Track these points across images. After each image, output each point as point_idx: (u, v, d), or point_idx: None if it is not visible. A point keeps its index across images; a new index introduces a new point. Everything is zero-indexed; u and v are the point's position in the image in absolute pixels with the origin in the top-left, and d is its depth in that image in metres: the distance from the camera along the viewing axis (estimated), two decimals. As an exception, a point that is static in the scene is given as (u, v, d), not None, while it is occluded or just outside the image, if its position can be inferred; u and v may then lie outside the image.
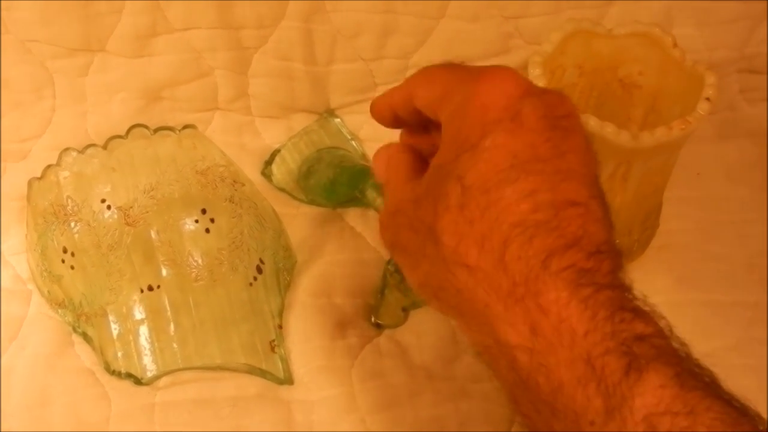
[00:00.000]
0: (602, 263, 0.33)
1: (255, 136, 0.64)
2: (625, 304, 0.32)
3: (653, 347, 0.31)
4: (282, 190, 0.61)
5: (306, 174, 0.60)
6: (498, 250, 0.33)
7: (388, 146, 0.43)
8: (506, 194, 0.34)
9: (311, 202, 0.61)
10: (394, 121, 0.44)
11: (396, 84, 0.60)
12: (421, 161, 0.42)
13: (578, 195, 0.34)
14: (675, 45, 0.52)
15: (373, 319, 0.55)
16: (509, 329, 0.33)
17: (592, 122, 0.47)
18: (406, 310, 0.55)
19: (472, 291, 0.34)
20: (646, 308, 0.33)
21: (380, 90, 0.62)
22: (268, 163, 0.62)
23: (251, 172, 0.60)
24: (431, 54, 0.60)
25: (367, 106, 0.62)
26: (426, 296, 0.38)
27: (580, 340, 0.31)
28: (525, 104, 0.35)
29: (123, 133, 0.54)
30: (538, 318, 0.32)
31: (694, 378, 0.31)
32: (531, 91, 0.36)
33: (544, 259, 0.32)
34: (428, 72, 0.41)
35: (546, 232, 0.33)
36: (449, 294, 0.35)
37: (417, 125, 0.42)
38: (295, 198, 0.61)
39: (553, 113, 0.36)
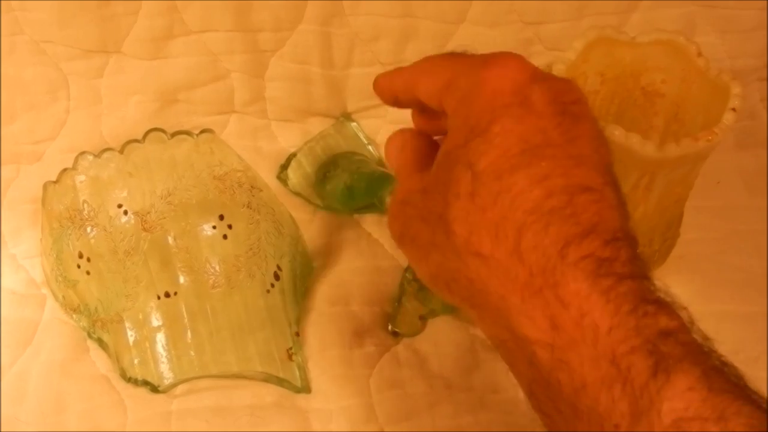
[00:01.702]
0: (620, 251, 0.32)
1: (271, 140, 0.63)
2: (647, 295, 0.31)
3: (679, 344, 0.30)
4: (298, 194, 0.61)
5: (322, 179, 0.60)
6: (513, 238, 0.32)
7: (402, 132, 0.42)
8: (519, 180, 0.33)
9: (327, 208, 0.60)
10: (395, 103, 0.43)
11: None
12: (432, 148, 0.40)
13: (592, 180, 0.33)
14: (699, 54, 0.51)
15: (390, 328, 0.54)
16: (527, 323, 0.32)
17: (617, 132, 0.46)
18: (423, 319, 0.54)
19: (485, 282, 0.33)
20: (668, 299, 0.32)
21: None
22: (284, 167, 0.62)
23: (267, 176, 0.59)
24: (450, 59, 0.59)
25: (384, 111, 0.63)
26: (437, 288, 0.37)
27: (604, 337, 0.30)
28: (534, 89, 0.35)
29: (137, 136, 0.54)
30: (558, 311, 0.31)
31: (721, 378, 0.30)
32: (539, 76, 0.36)
33: (561, 248, 0.31)
34: (431, 62, 0.40)
35: (561, 219, 0.32)
36: (462, 285, 0.34)
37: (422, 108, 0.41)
38: (311, 203, 0.61)
39: (562, 99, 0.35)
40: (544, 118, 0.34)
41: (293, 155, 0.62)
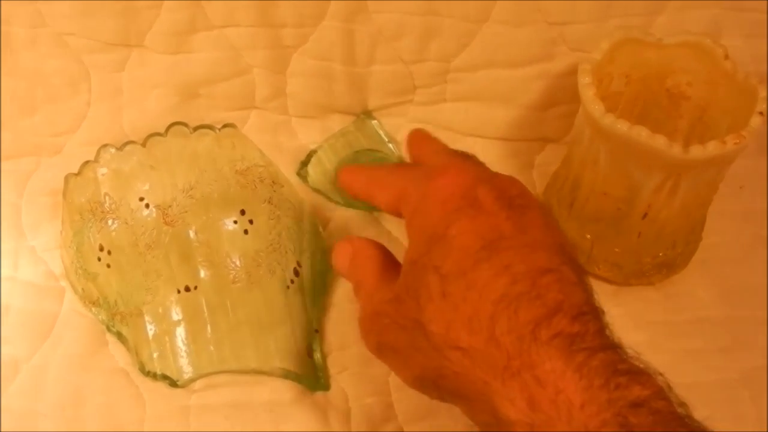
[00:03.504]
0: (588, 324, 0.34)
1: (291, 136, 0.63)
2: (618, 365, 0.33)
3: (651, 413, 0.32)
4: (317, 191, 0.61)
5: (343, 176, 0.60)
6: (487, 327, 0.34)
7: (351, 241, 0.45)
8: (483, 273, 0.35)
9: (347, 205, 0.60)
10: (356, 198, 0.47)
11: (436, 87, 0.61)
12: (388, 256, 0.45)
13: (550, 262, 0.36)
14: (726, 57, 0.51)
15: (409, 326, 0.54)
16: (508, 405, 0.33)
17: (644, 134, 0.46)
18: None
19: (469, 372, 0.35)
20: (641, 365, 0.34)
21: (419, 93, 0.62)
22: (304, 163, 0.61)
23: (286, 172, 0.59)
24: (474, 58, 0.59)
25: (406, 109, 0.63)
26: (425, 388, 0.39)
27: (577, 412, 0.32)
28: (479, 190, 0.38)
29: (158, 129, 0.53)
30: (536, 391, 0.32)
31: None
32: (482, 177, 0.40)
33: (533, 329, 0.33)
34: (383, 175, 0.45)
35: (528, 301, 0.34)
36: (449, 380, 0.36)
37: None
38: (330, 200, 0.60)
39: (506, 194, 0.39)
40: (493, 214, 0.37)
41: (313, 152, 0.62)
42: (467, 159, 0.45)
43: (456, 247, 0.37)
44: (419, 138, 0.50)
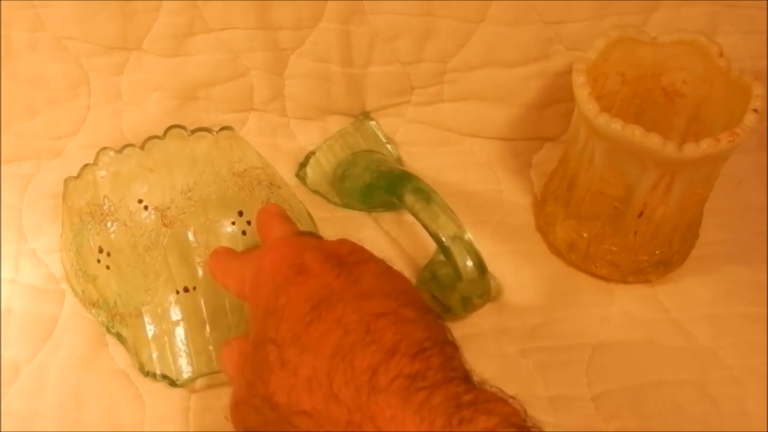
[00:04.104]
0: (430, 360, 0.33)
1: (290, 138, 0.63)
2: (463, 398, 0.31)
3: None
4: (316, 192, 0.61)
5: (341, 177, 0.60)
6: (325, 384, 0.33)
7: (229, 344, 0.43)
8: (315, 332, 0.35)
9: (346, 206, 0.60)
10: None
11: (433, 88, 0.61)
12: None
13: (384, 307, 0.35)
14: (721, 54, 0.51)
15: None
16: None
17: (637, 132, 0.46)
18: (441, 319, 0.54)
19: None
20: (492, 390, 0.33)
21: (417, 93, 0.62)
22: (303, 165, 0.62)
23: (285, 173, 0.59)
24: (470, 58, 0.59)
25: (404, 109, 0.63)
26: None
27: None
28: (306, 257, 0.38)
29: (157, 132, 0.54)
30: None
31: None
32: (308, 245, 0.39)
33: (370, 377, 0.32)
34: (229, 267, 0.45)
35: (363, 349, 0.33)
36: None
37: None
38: (329, 201, 0.61)
39: (336, 255, 0.38)
40: (322, 275, 0.37)
41: (312, 153, 0.62)
42: (303, 234, 0.44)
43: (287, 315, 0.36)
44: (264, 218, 0.47)
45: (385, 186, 0.56)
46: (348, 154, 0.61)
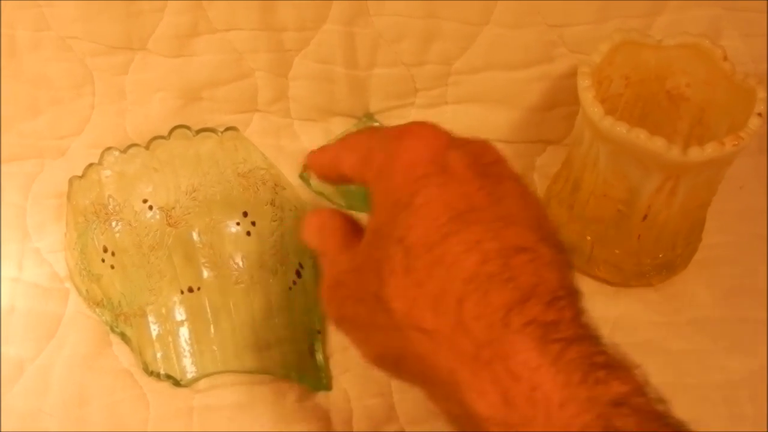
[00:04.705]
0: (563, 312, 0.31)
1: (293, 139, 0.63)
2: (595, 359, 0.30)
3: (633, 413, 0.29)
4: (320, 194, 0.61)
5: (345, 178, 0.60)
6: (454, 310, 0.31)
7: (319, 212, 0.41)
8: (451, 248, 0.32)
9: (350, 208, 0.60)
10: (326, 179, 0.43)
11: (437, 90, 0.61)
12: (354, 226, 0.41)
13: (524, 240, 0.33)
14: (725, 58, 0.51)
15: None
16: (479, 398, 0.30)
17: (642, 136, 0.46)
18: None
19: (433, 357, 0.32)
20: (619, 357, 0.31)
21: (421, 96, 0.62)
22: (306, 166, 0.62)
23: (289, 175, 0.59)
24: (474, 60, 0.60)
25: (407, 112, 0.63)
26: (386, 369, 0.36)
27: (557, 412, 0.29)
28: (451, 155, 0.35)
29: (161, 132, 0.54)
30: (510, 385, 0.30)
31: None
32: (454, 142, 0.36)
33: (504, 315, 0.30)
34: (352, 138, 0.41)
35: (500, 284, 0.31)
36: (411, 362, 0.33)
37: None
38: (333, 203, 0.61)
39: (480, 161, 0.35)
40: (465, 182, 0.34)
41: (315, 154, 0.62)
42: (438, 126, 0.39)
43: (422, 217, 0.33)
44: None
45: (389, 187, 0.56)
46: (351, 156, 0.61)
